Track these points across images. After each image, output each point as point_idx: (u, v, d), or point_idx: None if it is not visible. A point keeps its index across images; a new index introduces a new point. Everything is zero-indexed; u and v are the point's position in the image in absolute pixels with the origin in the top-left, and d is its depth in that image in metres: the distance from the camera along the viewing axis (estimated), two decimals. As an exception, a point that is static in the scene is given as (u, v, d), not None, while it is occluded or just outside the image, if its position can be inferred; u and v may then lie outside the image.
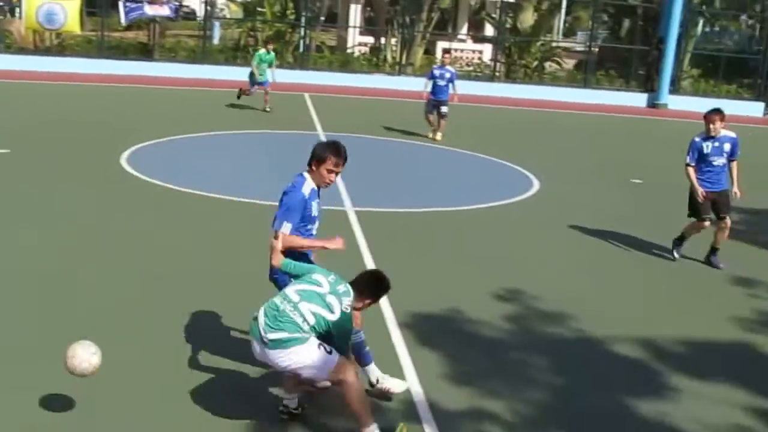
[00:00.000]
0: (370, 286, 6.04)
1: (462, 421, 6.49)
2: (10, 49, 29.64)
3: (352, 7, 36.10)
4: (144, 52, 31.31)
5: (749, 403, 7.11)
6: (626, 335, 8.39)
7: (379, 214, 12.62)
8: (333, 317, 5.73)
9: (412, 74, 30.89)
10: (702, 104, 29.86)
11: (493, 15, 35.16)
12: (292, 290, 5.86)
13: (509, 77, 32.34)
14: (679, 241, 11.26)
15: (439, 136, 18.99)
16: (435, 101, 18.92)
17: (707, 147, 10.79)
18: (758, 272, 10.91)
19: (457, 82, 19.67)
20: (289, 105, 23.78)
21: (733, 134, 10.90)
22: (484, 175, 16.25)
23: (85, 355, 5.74)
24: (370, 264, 9.85)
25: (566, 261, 10.92)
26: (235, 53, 31.75)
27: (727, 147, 10.80)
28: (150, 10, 30.61)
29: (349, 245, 10.58)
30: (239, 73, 29.24)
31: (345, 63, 31.81)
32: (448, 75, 18.88)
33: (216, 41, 32.94)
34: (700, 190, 10.81)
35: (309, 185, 6.55)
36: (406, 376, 7.08)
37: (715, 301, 9.85)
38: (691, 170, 10.94)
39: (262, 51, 22.48)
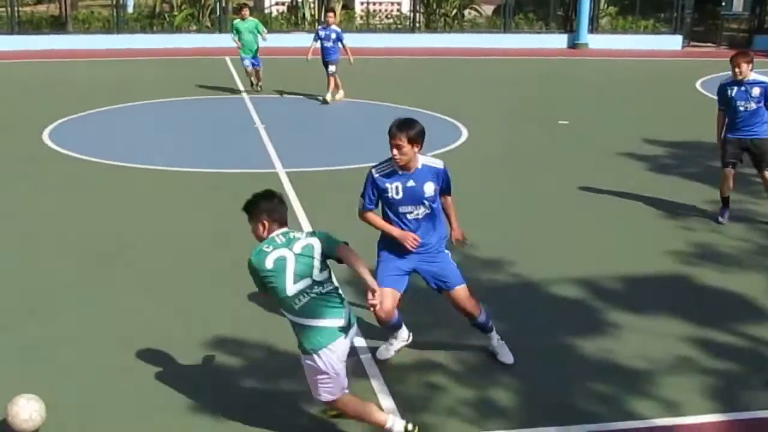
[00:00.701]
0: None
1: (408, 372, 6.57)
2: None
3: (268, -35, 35.57)
4: (57, 26, 30.46)
5: (690, 335, 7.30)
6: (563, 276, 8.53)
7: (310, 173, 12.57)
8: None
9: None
10: (621, 41, 30.55)
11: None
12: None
13: (429, 27, 32.26)
14: (723, 203, 10.59)
15: (329, 96, 18.45)
16: (324, 62, 18.64)
17: (732, 91, 10.18)
18: (687, 204, 11.14)
19: (378, 36, 19.60)
20: (212, 69, 23.41)
21: (764, 79, 10.18)
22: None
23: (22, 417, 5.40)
24: (305, 224, 9.84)
25: (499, 207, 11.04)
26: (152, 21, 31.07)
27: (756, 92, 10.05)
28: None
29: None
30: (156, 41, 28.79)
31: (263, 23, 31.31)
32: (333, 35, 18.43)
33: (130, 10, 32.15)
34: (719, 136, 10.38)
35: (389, 165, 6.29)
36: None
37: (648, 235, 10.05)
38: (719, 114, 10.39)
39: (237, 20, 19.79)
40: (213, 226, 10.00)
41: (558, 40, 31.03)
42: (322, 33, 18.46)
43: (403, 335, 6.84)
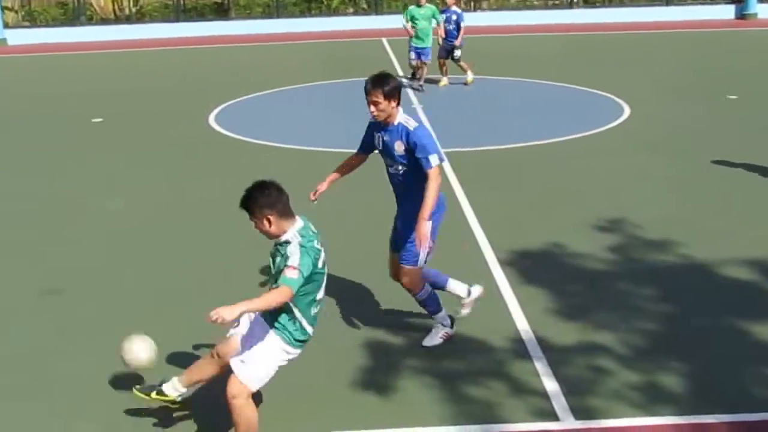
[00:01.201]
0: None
1: (571, 355, 6.45)
2: (92, 20, 30.19)
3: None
4: (220, 12, 31.49)
5: None
6: (732, 257, 8.18)
7: (467, 154, 12.51)
8: None
9: (487, 9, 30.43)
10: (794, 10, 28.99)
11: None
12: None
13: (587, 2, 31.56)
14: None
15: (469, 77, 17.94)
16: (445, 46, 17.81)
17: None
18: None
19: (535, 12, 19.05)
20: (369, 51, 23.63)
21: None
22: (572, 106, 15.89)
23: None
24: (466, 206, 9.81)
25: (666, 186, 10.64)
26: (309, 5, 31.69)
27: None
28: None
29: (442, 187, 10.59)
30: (315, 24, 29.32)
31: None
32: (454, 17, 17.59)
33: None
34: None
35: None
36: (512, 314, 7.06)
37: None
38: None
39: (413, 6, 17.85)
40: (361, 211, 10.09)
41: (724, 11, 29.74)
42: (443, 15, 17.72)
43: (463, 293, 6.78)
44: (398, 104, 6.27)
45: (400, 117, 6.30)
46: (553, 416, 5.64)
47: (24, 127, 15.24)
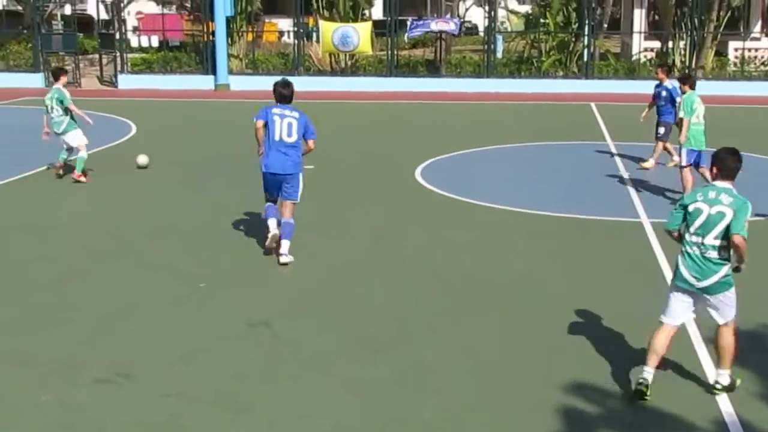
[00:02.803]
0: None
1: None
2: (309, 71, 31.65)
3: (636, 11, 35.15)
4: (431, 69, 32.26)
5: None
6: None
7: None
8: None
9: (702, 77, 29.61)
10: None
11: (792, 10, 33.00)
12: None
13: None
14: None
15: (647, 163, 16.04)
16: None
17: None
18: None
19: (754, 83, 17.95)
20: (577, 115, 23.57)
21: None
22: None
23: None
24: (669, 276, 9.57)
25: None
26: (519, 66, 31.93)
27: None
28: (436, 26, 31.66)
29: (647, 257, 10.43)
30: (524, 85, 29.56)
31: (631, 70, 31.11)
32: (664, 93, 15.94)
33: (499, 55, 33.27)
34: None
35: None
36: (715, 397, 6.83)
37: None
38: None
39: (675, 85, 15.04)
40: (565, 273, 10.06)
41: None
42: (654, 90, 16.34)
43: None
44: None
45: None
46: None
47: (240, 172, 16.09)
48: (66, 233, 11.67)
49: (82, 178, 14.65)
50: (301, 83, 29.28)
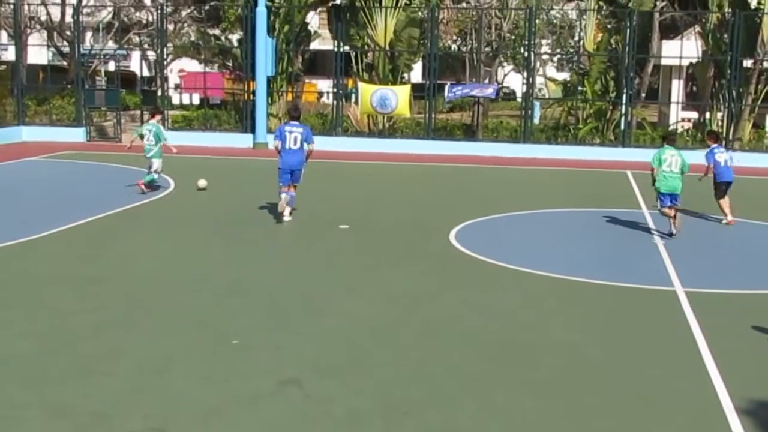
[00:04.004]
0: None
1: None
2: (347, 132, 32.04)
3: (674, 82, 35.39)
4: (468, 133, 32.51)
5: None
6: None
7: (710, 295, 12.17)
8: None
9: (740, 149, 29.62)
10: None
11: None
12: None
13: None
14: None
15: (726, 219, 17.58)
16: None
17: None
18: None
19: None
20: (612, 183, 23.61)
21: None
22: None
23: None
24: (703, 347, 9.56)
25: None
26: (556, 132, 32.11)
27: None
28: (474, 91, 31.97)
29: (681, 327, 10.39)
30: (560, 152, 29.70)
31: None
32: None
33: (536, 120, 33.49)
34: None
35: None
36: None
37: None
38: None
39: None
40: (598, 340, 10.05)
41: None
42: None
43: None
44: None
45: None
46: None
47: (276, 228, 16.28)
48: (108, 285, 11.84)
49: (143, 187, 18.78)
50: (338, 144, 30.01)
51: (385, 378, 8.58)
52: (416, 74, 39.54)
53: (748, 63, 30.22)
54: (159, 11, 33.19)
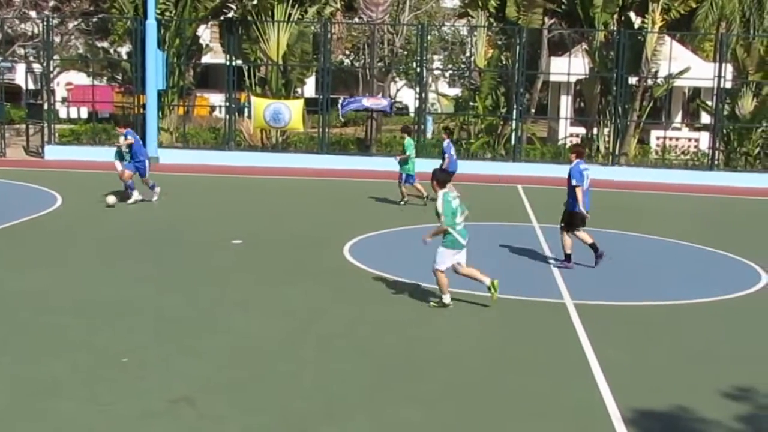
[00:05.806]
0: None
1: None
2: (240, 146, 31.73)
3: (563, 98, 36.19)
4: (362, 147, 32.59)
5: None
6: None
7: (598, 307, 12.46)
8: None
9: (625, 164, 30.50)
10: None
11: (709, 102, 34.28)
12: None
13: (729, 165, 31.26)
14: None
15: None
16: None
17: None
18: None
19: (673, 172, 19.02)
20: (503, 197, 23.98)
21: None
22: (705, 267, 15.68)
23: None
24: (591, 358, 9.75)
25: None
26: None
27: None
28: (368, 102, 32.06)
29: (570, 338, 10.60)
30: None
31: (557, 154, 31.84)
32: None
33: (429, 135, 33.77)
34: None
35: None
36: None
37: None
38: None
39: None
40: (488, 352, 10.16)
41: None
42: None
43: None
44: None
45: None
46: None
47: (166, 244, 15.98)
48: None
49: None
50: (231, 158, 29.68)
51: (281, 394, 8.50)
52: (309, 88, 39.43)
53: (633, 80, 31.16)
54: (45, 23, 32.28)
